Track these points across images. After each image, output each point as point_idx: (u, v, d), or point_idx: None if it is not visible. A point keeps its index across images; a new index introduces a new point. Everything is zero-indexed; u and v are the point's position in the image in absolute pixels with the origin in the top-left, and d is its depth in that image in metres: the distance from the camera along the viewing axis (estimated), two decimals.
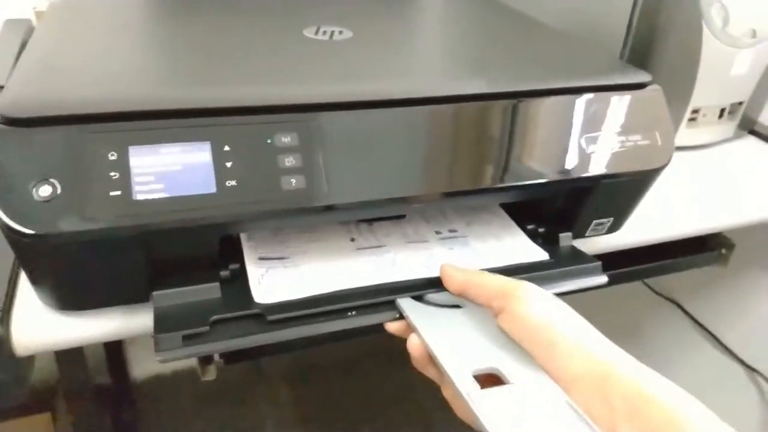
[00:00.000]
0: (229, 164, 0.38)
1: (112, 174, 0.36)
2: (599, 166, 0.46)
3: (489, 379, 0.35)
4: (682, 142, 0.74)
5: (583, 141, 0.46)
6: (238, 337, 0.38)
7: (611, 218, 0.52)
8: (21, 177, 0.35)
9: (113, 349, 1.18)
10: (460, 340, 0.38)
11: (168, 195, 0.37)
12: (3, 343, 0.41)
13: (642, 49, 0.69)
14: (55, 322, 0.42)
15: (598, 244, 0.56)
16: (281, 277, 0.45)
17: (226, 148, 0.38)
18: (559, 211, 0.51)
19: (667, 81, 0.51)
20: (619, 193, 0.50)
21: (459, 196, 0.45)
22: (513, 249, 0.50)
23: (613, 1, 0.70)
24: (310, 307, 0.41)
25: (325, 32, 0.53)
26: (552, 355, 0.34)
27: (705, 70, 0.69)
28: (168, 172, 0.37)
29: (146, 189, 0.37)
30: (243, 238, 0.48)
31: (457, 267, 0.42)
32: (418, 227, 0.52)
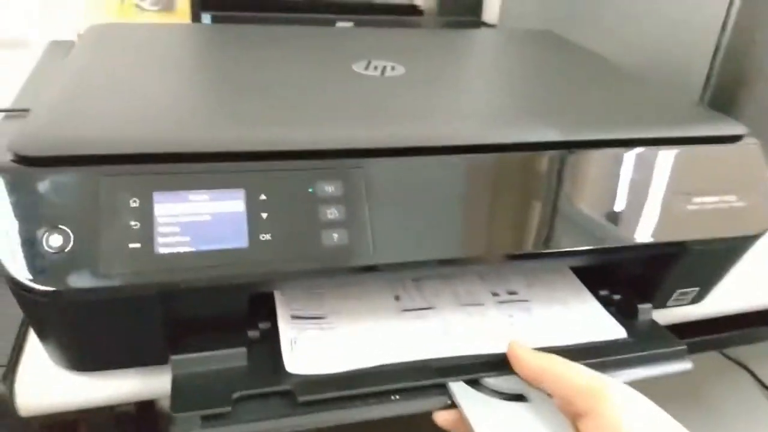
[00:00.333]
0: (265, 215, 0.34)
1: (133, 223, 0.32)
2: (690, 230, 0.40)
3: None
4: None
5: (672, 200, 0.40)
6: (263, 420, 0.34)
7: (697, 288, 0.46)
8: (29, 223, 0.31)
9: None
10: None
11: (194, 249, 0.33)
12: (6, 404, 0.37)
13: (725, 96, 0.62)
14: (64, 381, 0.38)
15: (676, 312, 0.49)
16: (316, 342, 0.40)
17: (262, 197, 0.34)
18: (638, 277, 0.45)
19: (755, 133, 0.45)
20: (710, 260, 0.44)
21: (524, 259, 0.39)
22: (584, 321, 0.44)
23: (694, 39, 0.63)
24: (348, 387, 0.36)
25: (376, 67, 0.49)
26: None
27: None
28: (195, 222, 0.33)
29: (170, 241, 0.33)
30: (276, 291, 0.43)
31: (530, 349, 0.37)
32: (472, 286, 0.47)
